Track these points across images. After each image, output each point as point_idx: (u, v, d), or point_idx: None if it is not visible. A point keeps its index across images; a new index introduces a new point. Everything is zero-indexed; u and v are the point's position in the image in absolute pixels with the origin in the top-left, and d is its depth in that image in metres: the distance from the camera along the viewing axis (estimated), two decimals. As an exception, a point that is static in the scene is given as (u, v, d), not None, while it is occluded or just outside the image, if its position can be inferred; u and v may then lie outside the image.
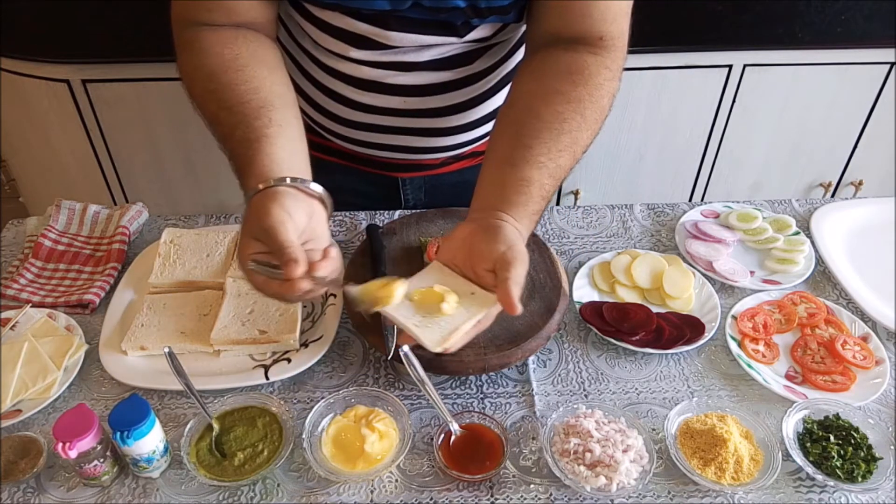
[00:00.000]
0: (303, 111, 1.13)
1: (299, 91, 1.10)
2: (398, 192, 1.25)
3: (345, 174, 1.23)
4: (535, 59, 0.95)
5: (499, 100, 1.08)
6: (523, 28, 1.01)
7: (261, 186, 0.80)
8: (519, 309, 0.78)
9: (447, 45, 0.98)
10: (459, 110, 1.06)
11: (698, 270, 1.12)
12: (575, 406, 0.90)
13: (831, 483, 0.84)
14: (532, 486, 0.85)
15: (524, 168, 0.86)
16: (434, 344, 0.79)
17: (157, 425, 0.84)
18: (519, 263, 0.80)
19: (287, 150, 0.85)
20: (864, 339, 1.02)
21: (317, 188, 0.83)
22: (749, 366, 0.98)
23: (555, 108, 0.89)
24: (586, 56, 0.92)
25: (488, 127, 1.11)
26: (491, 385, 0.97)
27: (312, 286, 0.77)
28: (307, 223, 0.80)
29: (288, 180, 0.81)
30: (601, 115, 0.93)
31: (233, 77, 0.88)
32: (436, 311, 0.81)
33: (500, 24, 0.96)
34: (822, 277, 1.13)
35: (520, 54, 1.05)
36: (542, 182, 0.87)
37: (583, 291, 1.08)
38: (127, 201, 1.68)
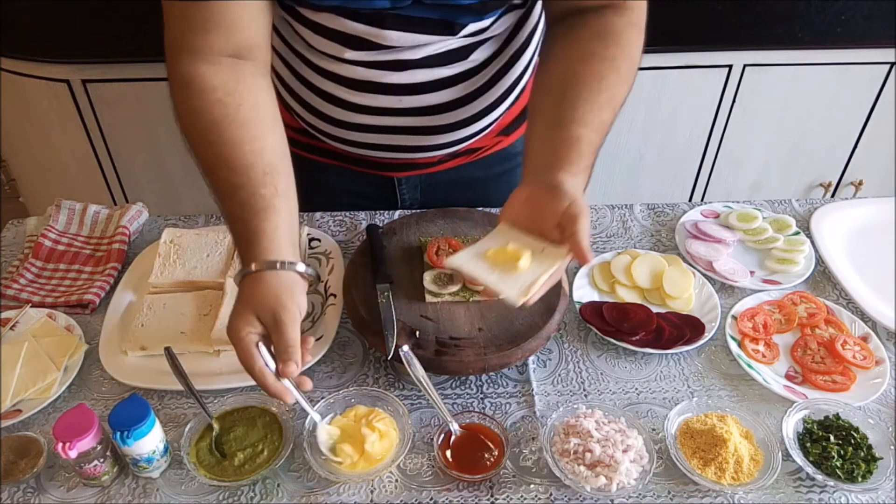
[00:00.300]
0: (296, 113, 1.13)
1: (292, 94, 1.10)
2: (394, 191, 1.25)
3: (339, 175, 1.22)
4: (561, 28, 0.98)
5: (494, 94, 1.08)
6: (516, 18, 1.02)
7: (273, 264, 0.83)
8: (591, 257, 0.82)
9: (442, 42, 0.98)
10: (455, 107, 1.06)
11: (698, 270, 1.12)
12: (575, 406, 0.90)
13: (831, 483, 0.84)
14: (532, 486, 0.85)
15: (571, 127, 0.90)
16: (516, 297, 0.82)
17: (157, 425, 0.84)
18: (584, 216, 0.84)
19: (290, 223, 0.87)
20: (864, 339, 1.02)
21: (311, 273, 0.87)
22: (749, 366, 0.98)
23: (591, 68, 0.93)
24: (612, 17, 0.96)
25: (484, 122, 1.11)
26: (491, 385, 0.97)
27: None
28: None
29: (300, 266, 0.85)
30: (634, 68, 0.97)
31: (236, 134, 0.87)
32: (511, 267, 0.84)
33: (495, 16, 0.97)
34: (822, 277, 1.13)
35: (514, 46, 1.05)
36: (590, 138, 0.91)
37: (583, 291, 1.08)
38: (127, 201, 1.68)
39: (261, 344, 0.81)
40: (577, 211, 0.83)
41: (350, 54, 0.98)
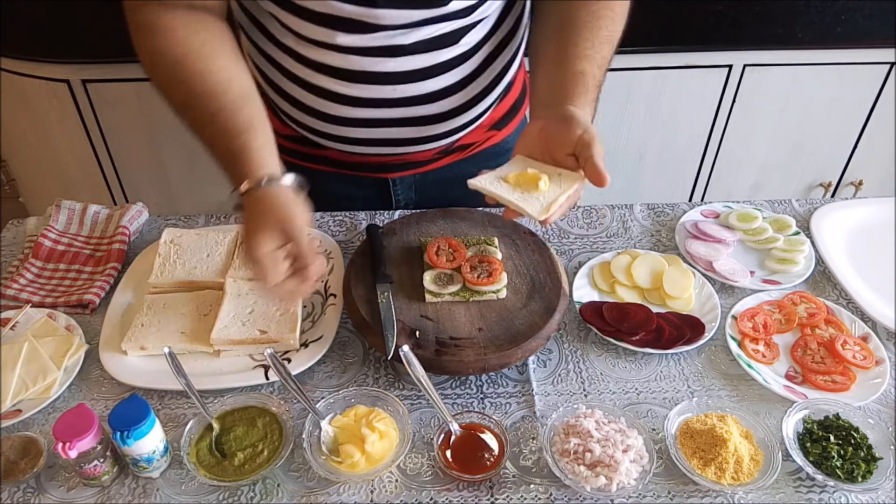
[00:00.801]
0: (289, 117, 1.13)
1: (284, 95, 1.09)
2: (389, 193, 1.25)
3: (334, 181, 1.22)
4: None
5: (486, 80, 1.08)
6: (504, 2, 1.03)
7: (270, 179, 0.87)
8: (608, 179, 0.87)
9: (434, 25, 0.98)
10: (449, 94, 1.06)
11: (698, 270, 1.12)
12: (575, 406, 0.90)
13: (831, 483, 0.84)
14: (532, 486, 0.85)
15: (575, 62, 0.96)
16: (538, 213, 0.88)
17: (157, 425, 0.84)
18: (597, 141, 0.88)
19: (272, 145, 0.92)
20: (864, 339, 1.02)
21: (302, 182, 0.91)
22: (749, 366, 0.98)
23: (587, 9, 1.00)
24: None
25: (478, 110, 1.12)
26: (491, 385, 0.97)
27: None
28: None
29: (293, 177, 0.89)
30: (625, 7, 1.03)
31: (203, 67, 0.92)
32: (531, 189, 0.91)
33: None
34: (822, 277, 1.13)
35: (504, 30, 1.07)
36: (593, 72, 0.96)
37: (583, 291, 1.08)
38: (127, 201, 1.68)
39: None
40: (591, 137, 0.88)
41: (342, 38, 0.97)
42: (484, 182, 0.93)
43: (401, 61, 1.01)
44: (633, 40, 1.06)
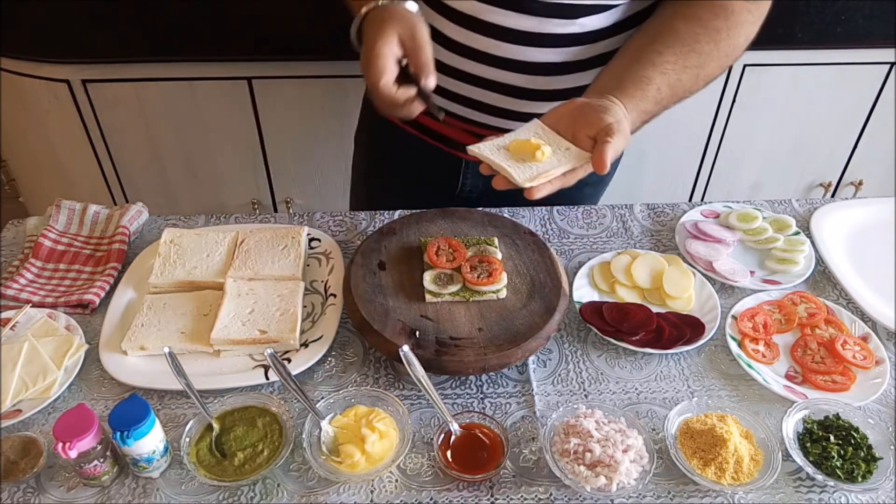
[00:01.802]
0: None
1: None
2: (458, 175, 1.24)
3: (416, 147, 1.22)
4: None
5: (588, 77, 1.05)
6: (641, 7, 1.00)
7: None
8: (607, 168, 0.84)
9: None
10: (550, 71, 1.04)
11: (698, 270, 1.12)
12: (575, 406, 0.90)
13: (831, 483, 0.84)
14: (532, 486, 0.85)
15: (648, 68, 0.91)
16: (522, 181, 0.85)
17: (157, 425, 0.84)
18: (622, 137, 0.84)
19: None
20: (864, 339, 1.02)
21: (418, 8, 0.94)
22: (749, 366, 0.98)
23: (692, 29, 0.94)
24: None
25: None
26: (491, 385, 0.97)
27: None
28: None
29: (414, 3, 0.92)
30: (734, 52, 0.97)
31: None
32: (529, 158, 0.87)
33: None
34: (822, 277, 1.13)
35: (624, 36, 1.04)
36: (660, 86, 0.91)
37: (583, 291, 1.08)
38: (127, 201, 1.68)
39: None
40: (618, 130, 0.84)
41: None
42: (483, 148, 0.90)
43: (512, 17, 0.99)
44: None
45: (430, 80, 0.89)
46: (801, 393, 0.95)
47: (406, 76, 0.91)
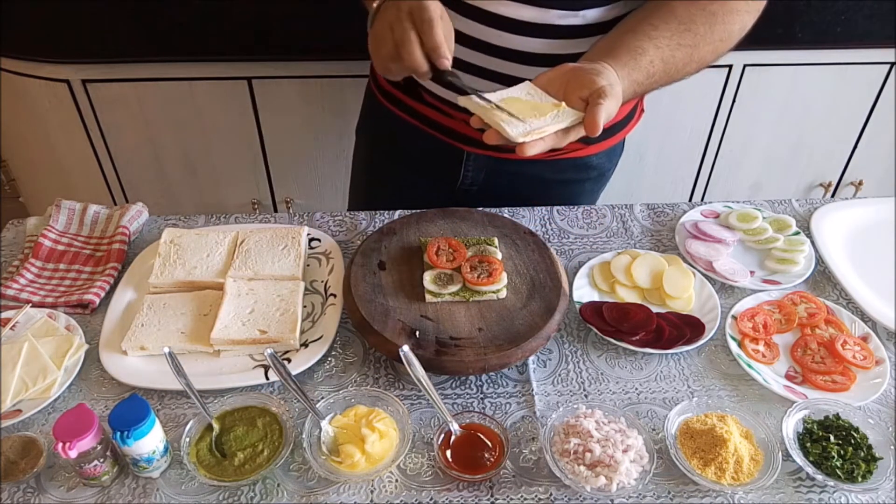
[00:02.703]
0: None
1: None
2: (459, 167, 1.24)
3: (418, 138, 1.22)
4: None
5: None
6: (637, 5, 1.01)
7: None
8: (599, 130, 0.82)
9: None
10: (548, 62, 1.03)
11: (698, 270, 1.12)
12: (575, 406, 0.90)
13: (831, 483, 0.84)
14: (532, 486, 0.85)
15: (643, 39, 0.92)
16: (516, 136, 0.83)
17: (157, 425, 0.84)
18: (614, 100, 0.83)
19: None
20: (864, 339, 1.02)
21: None
22: (749, 366, 0.98)
23: (688, 10, 0.95)
24: None
25: None
26: (491, 385, 0.97)
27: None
28: None
29: None
30: (728, 38, 0.97)
31: None
32: (521, 114, 0.85)
33: None
34: (822, 277, 1.13)
35: None
36: (653, 59, 0.91)
37: (583, 291, 1.08)
38: (127, 201, 1.68)
39: None
40: (611, 92, 0.83)
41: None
42: (474, 99, 0.89)
43: (513, 7, 0.99)
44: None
45: (443, 60, 0.88)
46: (801, 393, 0.95)
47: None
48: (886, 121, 1.94)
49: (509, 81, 1.07)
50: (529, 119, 0.85)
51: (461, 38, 1.05)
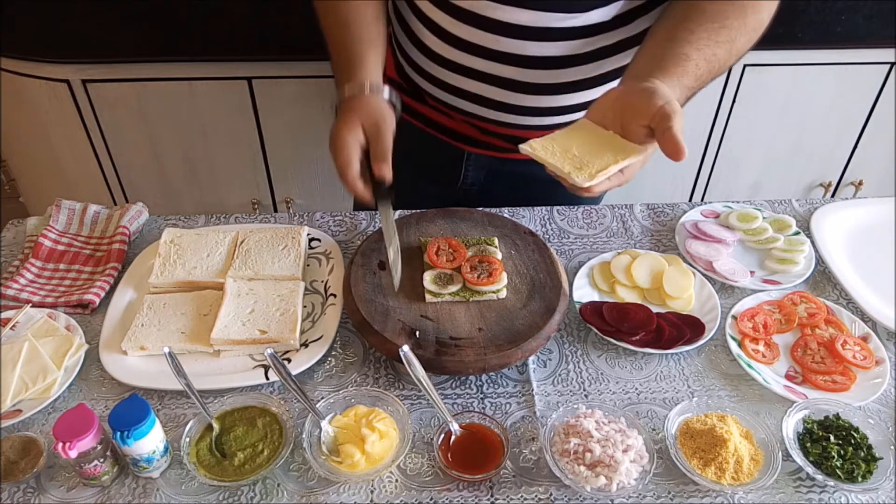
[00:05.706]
0: (397, 45, 1.17)
1: (398, 17, 1.14)
2: (460, 167, 1.24)
3: (417, 138, 1.22)
4: None
5: (594, 70, 1.06)
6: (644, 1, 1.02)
7: (376, 87, 1.01)
8: (685, 152, 0.82)
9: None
10: (549, 65, 1.05)
11: (698, 270, 1.12)
12: (575, 406, 0.90)
13: (831, 483, 0.84)
14: (532, 486, 0.85)
15: (684, 45, 0.92)
16: (582, 180, 0.85)
17: (157, 425, 0.84)
18: (679, 116, 0.84)
19: (382, 66, 1.05)
20: (864, 339, 1.02)
21: (397, 102, 1.04)
22: (749, 366, 0.98)
23: (719, 7, 0.95)
24: None
25: (573, 99, 1.10)
26: (491, 385, 0.97)
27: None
28: None
29: (389, 90, 1.01)
30: (759, 26, 0.99)
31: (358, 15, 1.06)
32: (584, 155, 0.87)
33: None
34: (822, 277, 1.13)
35: (636, 28, 1.04)
36: (697, 62, 0.92)
37: (583, 291, 1.08)
38: (127, 201, 1.68)
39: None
40: (672, 110, 0.84)
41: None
42: (535, 145, 0.89)
43: (510, 11, 0.99)
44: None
45: (383, 169, 0.96)
46: (801, 393, 0.95)
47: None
48: (886, 121, 1.94)
49: (509, 85, 1.08)
50: (590, 160, 0.86)
51: (459, 44, 1.05)
